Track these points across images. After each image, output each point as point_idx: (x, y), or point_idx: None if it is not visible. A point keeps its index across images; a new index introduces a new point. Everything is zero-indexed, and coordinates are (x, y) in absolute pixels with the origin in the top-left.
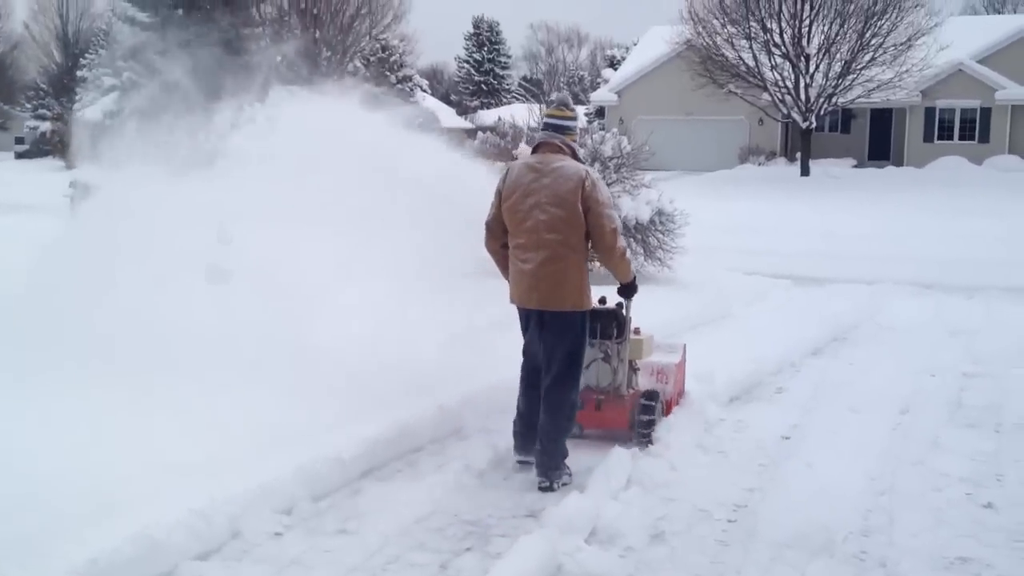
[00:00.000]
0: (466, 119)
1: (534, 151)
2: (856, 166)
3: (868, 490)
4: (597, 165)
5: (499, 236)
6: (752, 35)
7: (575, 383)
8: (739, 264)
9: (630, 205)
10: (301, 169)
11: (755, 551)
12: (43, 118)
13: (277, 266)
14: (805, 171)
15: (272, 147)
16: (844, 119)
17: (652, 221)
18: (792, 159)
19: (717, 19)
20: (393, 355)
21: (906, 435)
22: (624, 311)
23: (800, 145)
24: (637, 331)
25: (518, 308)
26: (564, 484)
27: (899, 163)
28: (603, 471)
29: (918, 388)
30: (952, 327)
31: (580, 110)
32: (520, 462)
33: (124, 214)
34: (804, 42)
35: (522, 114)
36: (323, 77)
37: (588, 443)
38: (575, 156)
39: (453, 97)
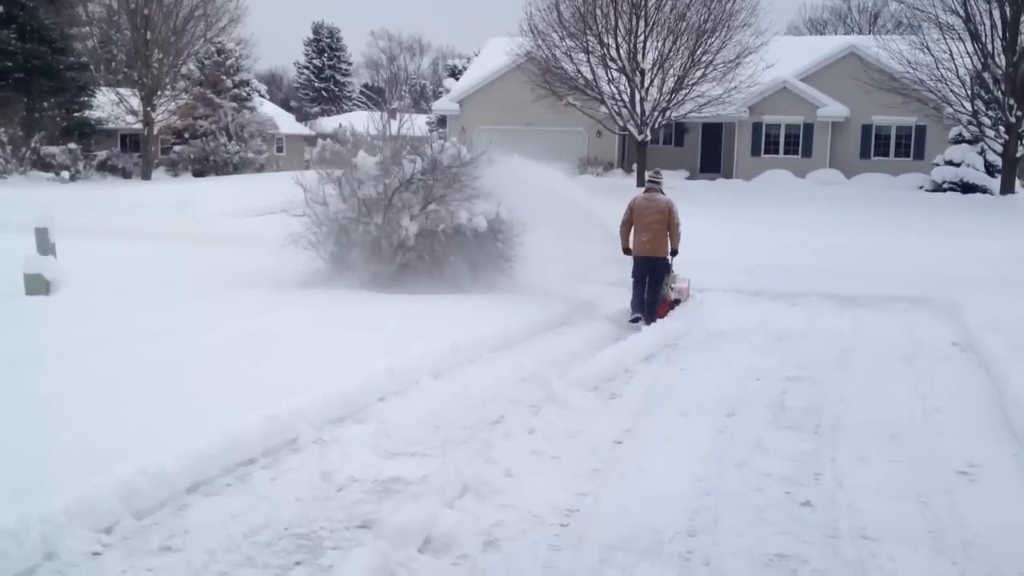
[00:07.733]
0: (306, 126)
1: (646, 191)
2: (688, 178)
3: (695, 491)
4: (437, 173)
5: (627, 225)
6: (590, 49)
7: (661, 288)
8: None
9: (465, 216)
10: None
11: (586, 554)
12: None
13: None
14: (641, 182)
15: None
16: (677, 132)
17: (491, 230)
18: (629, 170)
19: (556, 32)
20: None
21: (731, 437)
22: (670, 261)
23: (636, 157)
24: (671, 271)
25: (635, 257)
26: (654, 324)
27: (729, 175)
28: (439, 479)
29: (744, 392)
30: (777, 333)
31: (421, 119)
32: (633, 319)
33: None
34: (639, 57)
35: (363, 122)
36: (155, 79)
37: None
38: (662, 192)
39: (293, 103)
